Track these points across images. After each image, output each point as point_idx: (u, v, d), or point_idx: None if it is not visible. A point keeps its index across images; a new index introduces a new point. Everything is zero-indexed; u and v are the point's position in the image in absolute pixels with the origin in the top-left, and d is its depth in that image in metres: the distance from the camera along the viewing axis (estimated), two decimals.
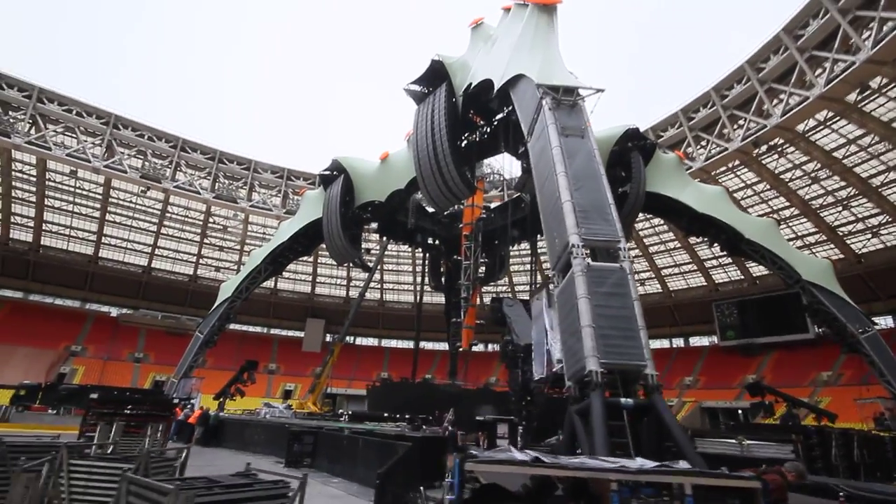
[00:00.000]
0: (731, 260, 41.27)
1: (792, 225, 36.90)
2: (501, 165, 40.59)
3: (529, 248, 45.04)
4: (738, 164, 35.90)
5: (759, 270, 40.59)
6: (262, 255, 31.39)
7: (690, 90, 59.30)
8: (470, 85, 18.99)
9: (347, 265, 44.90)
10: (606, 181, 8.97)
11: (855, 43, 26.20)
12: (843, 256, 35.07)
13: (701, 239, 30.27)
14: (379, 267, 46.56)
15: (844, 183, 33.00)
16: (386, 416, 21.06)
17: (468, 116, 21.96)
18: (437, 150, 20.71)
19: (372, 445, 10.31)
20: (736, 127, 33.90)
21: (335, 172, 27.80)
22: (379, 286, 54.77)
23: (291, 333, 54.84)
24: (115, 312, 48.05)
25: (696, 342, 47.64)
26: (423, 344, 42.94)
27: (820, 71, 28.65)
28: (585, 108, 10.73)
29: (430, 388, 29.93)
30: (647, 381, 6.91)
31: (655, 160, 25.22)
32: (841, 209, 34.43)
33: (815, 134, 31.78)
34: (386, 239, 36.60)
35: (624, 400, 6.52)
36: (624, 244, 8.14)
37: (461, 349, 29.59)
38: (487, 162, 36.11)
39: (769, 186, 36.11)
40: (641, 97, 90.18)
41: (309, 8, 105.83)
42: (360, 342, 56.74)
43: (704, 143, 36.18)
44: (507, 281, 50.63)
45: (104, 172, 38.45)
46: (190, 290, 50.68)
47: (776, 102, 31.47)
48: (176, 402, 19.10)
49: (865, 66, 25.63)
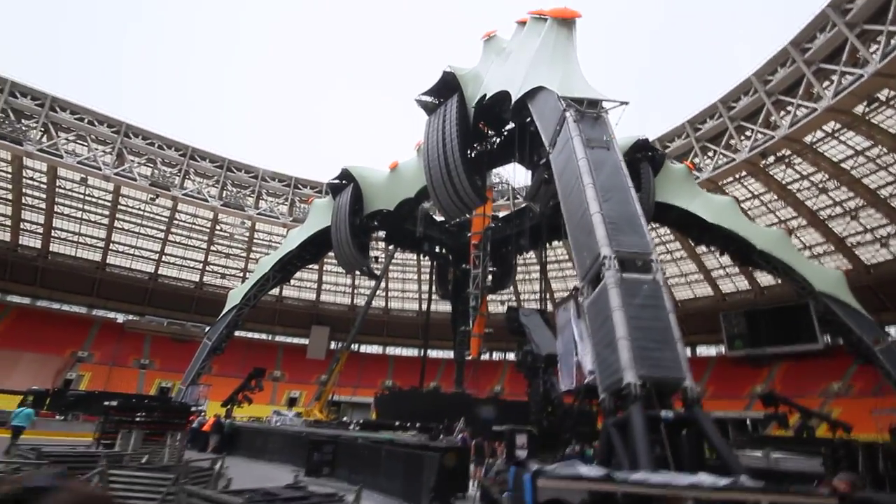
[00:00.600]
0: (738, 270, 41.24)
1: (800, 235, 36.91)
2: (509, 175, 40.80)
3: (535, 257, 45.25)
4: (744, 174, 36.00)
5: (766, 280, 40.55)
6: (270, 262, 31.51)
7: (696, 102, 59.74)
8: (485, 96, 19.15)
9: (353, 273, 44.96)
10: (634, 193, 9.05)
11: (863, 56, 26.41)
12: (851, 267, 35.01)
13: (708, 249, 30.38)
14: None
15: (852, 194, 33.07)
16: (397, 424, 20.97)
17: (478, 127, 22.17)
18: (448, 159, 20.85)
19: (397, 456, 10.26)
20: (743, 138, 34.06)
21: (344, 181, 27.99)
22: (384, 294, 54.72)
23: (296, 341, 54.74)
24: (121, 319, 48.05)
25: (702, 352, 47.47)
26: (428, 352, 42.86)
27: (827, 83, 28.82)
28: (609, 120, 10.85)
29: (439, 396, 29.84)
30: (686, 393, 6.92)
31: (665, 171, 25.38)
32: (849, 220, 34.45)
33: (822, 145, 31.91)
34: (393, 247, 36.78)
35: (664, 412, 6.53)
36: (656, 256, 8.19)
37: (470, 357, 29.52)
38: (495, 171, 36.27)
39: (777, 197, 36.20)
40: (647, 108, 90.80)
41: (305, 11, 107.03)
42: (364, 350, 56.55)
43: (711, 153, 36.34)
44: (511, 290, 50.57)
45: (114, 180, 38.68)
46: (196, 296, 50.70)
47: (783, 114, 31.66)
48: (193, 409, 19.06)
49: (873, 78, 25.81)
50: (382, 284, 51.62)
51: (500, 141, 23.35)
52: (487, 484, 7.80)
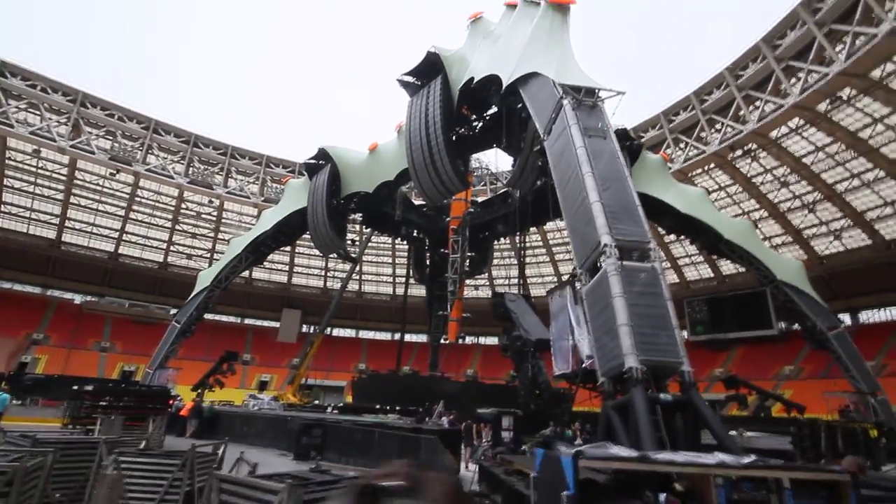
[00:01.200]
0: (702, 258, 42.97)
1: (761, 227, 38.69)
2: (489, 160, 40.83)
3: (509, 242, 45.72)
4: (713, 166, 37.30)
5: (728, 269, 42.45)
6: (242, 243, 30.59)
7: (671, 93, 61.06)
8: (472, 79, 18.93)
9: (328, 256, 44.27)
10: (631, 182, 9.24)
11: (829, 55, 27.57)
12: (806, 258, 37.07)
13: (678, 238, 31.44)
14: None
15: (811, 188, 34.84)
16: (378, 407, 21.03)
17: (461, 111, 21.94)
18: (431, 142, 20.60)
19: (390, 438, 10.33)
20: (713, 131, 35.19)
21: (321, 161, 27.32)
22: (358, 277, 54.21)
23: (266, 324, 53.69)
24: (78, 300, 45.79)
25: None
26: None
27: (795, 80, 30.02)
28: (605, 109, 10.96)
29: (417, 379, 30.03)
30: (683, 377, 7.24)
31: (641, 161, 25.86)
32: (807, 213, 36.37)
33: (786, 140, 33.35)
34: (370, 230, 36.34)
35: (663, 395, 6.81)
36: (654, 244, 8.43)
37: (448, 341, 29.78)
38: (475, 156, 36.21)
39: (741, 189, 37.74)
40: (624, 98, 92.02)
41: (304, 9, 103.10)
42: (337, 333, 56.07)
43: (683, 145, 37.40)
44: (486, 275, 51.06)
45: (70, 153, 36.42)
46: (160, 277, 48.82)
47: (752, 109, 32.83)
48: (173, 394, 18.49)
49: (838, 77, 27.03)
50: (357, 268, 51.14)
51: (481, 125, 23.23)
52: (488, 465, 7.95)
